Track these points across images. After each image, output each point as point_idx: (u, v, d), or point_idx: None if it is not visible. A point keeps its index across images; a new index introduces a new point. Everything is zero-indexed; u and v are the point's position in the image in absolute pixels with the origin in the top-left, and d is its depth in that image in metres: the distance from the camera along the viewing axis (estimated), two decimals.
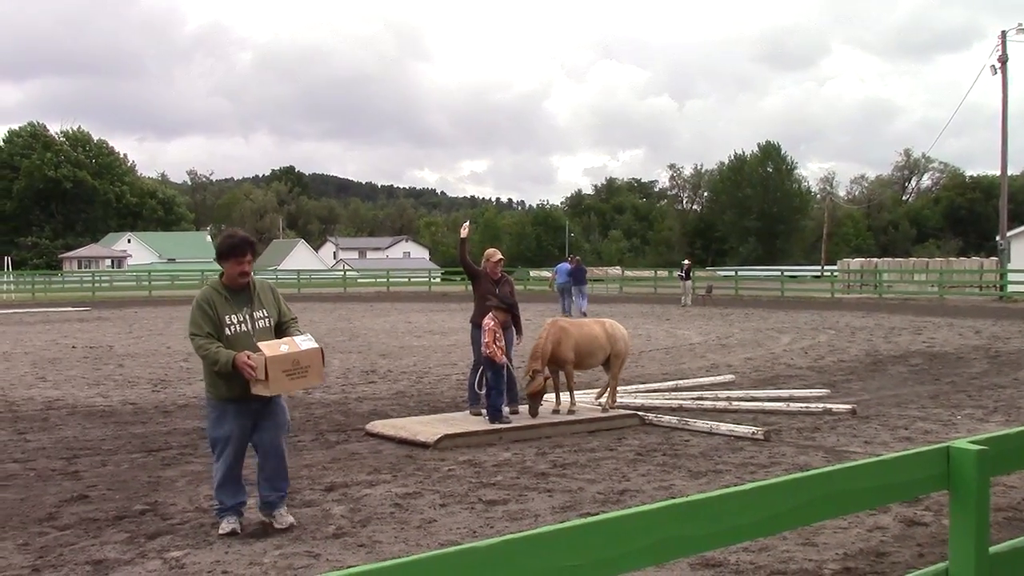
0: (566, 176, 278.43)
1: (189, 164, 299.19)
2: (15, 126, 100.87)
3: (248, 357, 6.02)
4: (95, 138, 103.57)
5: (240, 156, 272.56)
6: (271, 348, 6.07)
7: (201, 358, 6.32)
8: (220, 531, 6.38)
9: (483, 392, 10.21)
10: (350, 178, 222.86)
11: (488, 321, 10.19)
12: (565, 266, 33.42)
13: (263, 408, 6.38)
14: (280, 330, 6.51)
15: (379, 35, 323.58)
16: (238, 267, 6.28)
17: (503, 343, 10.27)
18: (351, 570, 2.07)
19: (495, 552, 2.31)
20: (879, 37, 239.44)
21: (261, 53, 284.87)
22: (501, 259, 11.18)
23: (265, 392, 6.11)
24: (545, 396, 11.47)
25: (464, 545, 2.28)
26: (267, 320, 6.41)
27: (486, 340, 10.10)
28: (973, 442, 3.36)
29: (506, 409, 10.35)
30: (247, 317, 6.31)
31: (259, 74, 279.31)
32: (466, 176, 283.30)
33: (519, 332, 10.87)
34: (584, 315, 27.99)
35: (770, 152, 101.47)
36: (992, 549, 3.46)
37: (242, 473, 6.60)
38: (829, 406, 11.40)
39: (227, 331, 6.24)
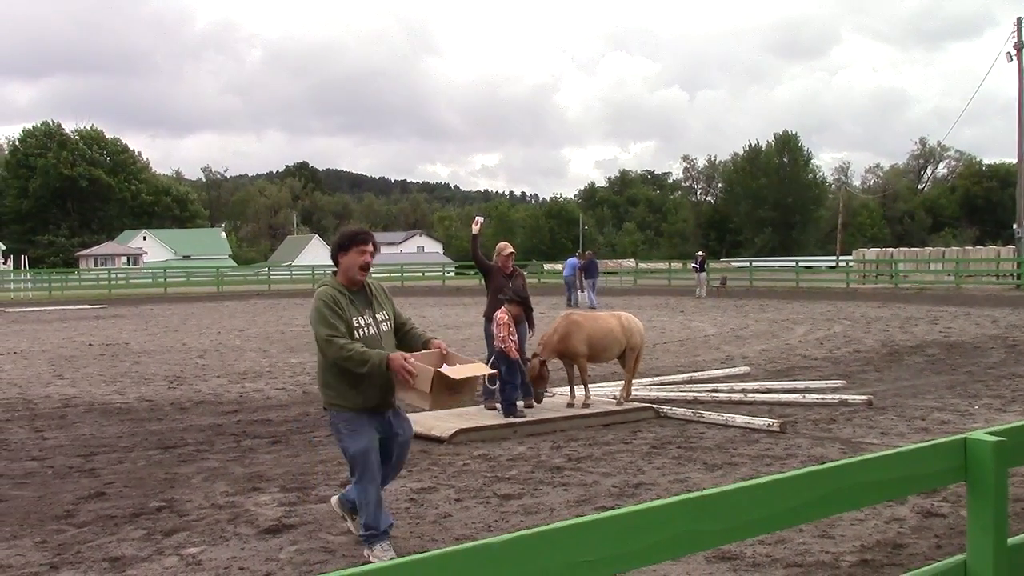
0: (577, 168, 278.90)
1: (201, 161, 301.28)
2: (28, 125, 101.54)
3: (405, 360, 5.50)
4: (109, 136, 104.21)
5: (252, 152, 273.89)
6: (448, 364, 5.71)
7: (343, 360, 5.48)
8: (380, 559, 5.47)
9: (495, 386, 10.21)
10: (364, 173, 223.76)
11: (501, 315, 10.17)
12: (573, 261, 34.12)
13: (395, 419, 5.90)
14: (401, 334, 5.99)
15: (389, 30, 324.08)
16: (360, 257, 5.66)
17: (517, 337, 10.27)
18: (366, 567, 2.07)
19: (509, 548, 2.29)
20: (890, 25, 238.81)
21: (271, 50, 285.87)
22: (512, 252, 11.16)
23: (423, 405, 5.70)
24: (559, 389, 11.47)
25: (478, 541, 2.27)
26: (389, 323, 5.84)
27: (501, 334, 10.09)
28: (990, 433, 3.33)
29: (521, 403, 10.35)
30: (372, 319, 5.72)
31: (270, 71, 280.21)
32: (477, 170, 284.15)
33: (531, 326, 10.86)
34: (594, 308, 28.09)
35: (787, 142, 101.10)
36: (1010, 541, 3.43)
37: None
38: (845, 397, 11.35)
39: (355, 335, 5.60)
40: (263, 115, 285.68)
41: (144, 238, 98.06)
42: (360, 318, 5.64)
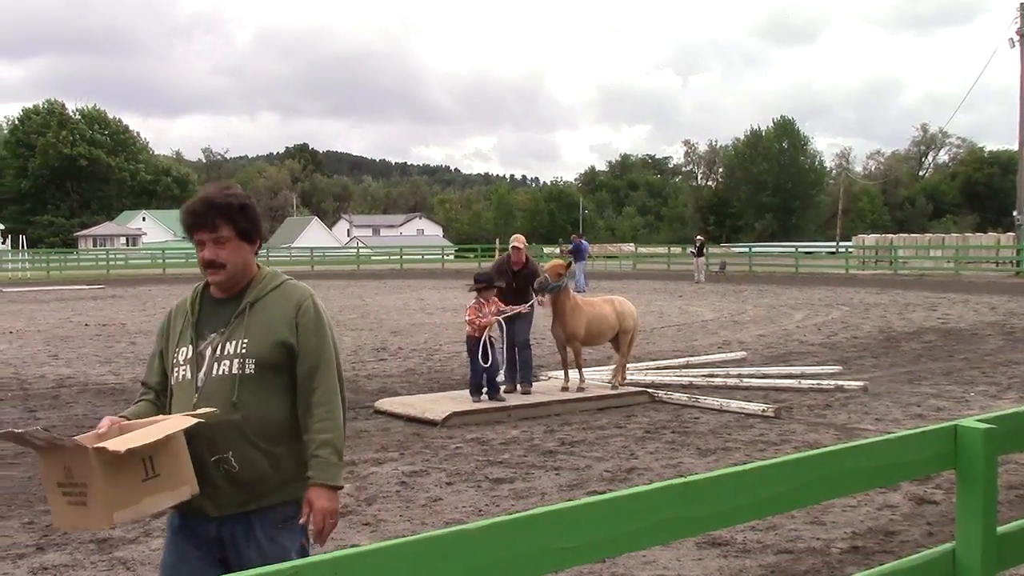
0: (571, 152, 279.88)
1: (194, 141, 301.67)
2: (18, 104, 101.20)
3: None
4: (110, 116, 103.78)
5: (245, 133, 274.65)
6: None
7: None
8: None
9: (488, 365, 10.03)
10: (363, 155, 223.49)
11: (473, 303, 10.20)
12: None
13: (236, 536, 3.14)
14: (302, 387, 3.19)
15: (380, 10, 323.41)
16: (200, 252, 3.18)
17: (488, 318, 10.12)
18: (336, 553, 2.02)
19: (484, 534, 2.25)
20: (882, 10, 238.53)
21: (261, 30, 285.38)
22: (517, 247, 10.92)
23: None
24: (553, 373, 11.45)
25: (452, 528, 2.23)
26: (243, 363, 3.12)
27: (468, 317, 10.11)
28: (981, 420, 3.29)
29: (504, 387, 10.31)
30: (207, 351, 3.17)
31: (259, 51, 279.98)
32: (471, 153, 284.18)
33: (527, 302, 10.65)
34: (582, 291, 28.25)
35: (785, 127, 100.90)
36: (1000, 529, 3.39)
37: None
38: (841, 383, 11.32)
39: (173, 376, 3.23)
40: (254, 96, 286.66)
41: (144, 219, 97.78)
42: (187, 348, 3.21)
